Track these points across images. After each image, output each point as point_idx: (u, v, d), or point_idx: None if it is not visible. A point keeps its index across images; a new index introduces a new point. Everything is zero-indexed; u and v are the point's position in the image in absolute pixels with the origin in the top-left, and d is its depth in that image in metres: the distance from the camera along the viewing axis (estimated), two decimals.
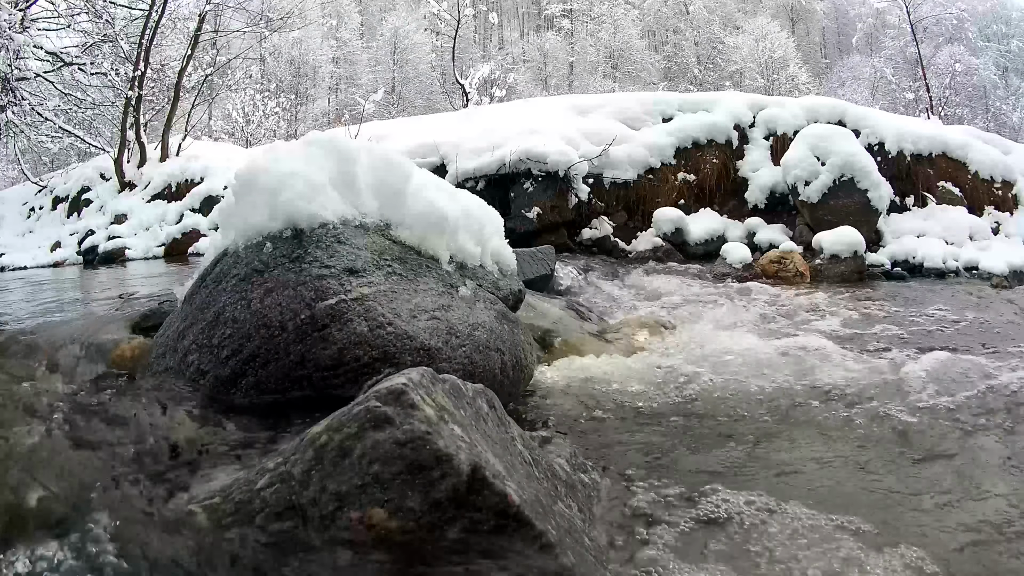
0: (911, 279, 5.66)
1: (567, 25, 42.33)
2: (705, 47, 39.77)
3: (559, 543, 1.09)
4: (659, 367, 2.51)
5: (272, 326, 1.65)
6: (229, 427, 1.53)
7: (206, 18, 10.95)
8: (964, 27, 33.91)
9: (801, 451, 1.75)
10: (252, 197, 1.83)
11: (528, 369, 2.14)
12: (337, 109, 30.75)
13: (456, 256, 2.10)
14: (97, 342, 1.93)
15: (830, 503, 1.46)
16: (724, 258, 5.86)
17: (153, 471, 1.33)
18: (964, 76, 31.61)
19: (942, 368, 2.54)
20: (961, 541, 1.30)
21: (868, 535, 1.31)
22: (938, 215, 6.68)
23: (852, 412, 2.05)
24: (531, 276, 3.70)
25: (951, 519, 1.39)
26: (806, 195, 6.13)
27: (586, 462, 1.61)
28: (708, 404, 2.11)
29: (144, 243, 8.09)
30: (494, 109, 9.50)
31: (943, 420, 1.99)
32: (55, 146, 11.52)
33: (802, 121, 7.09)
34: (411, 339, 1.70)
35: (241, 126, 20.98)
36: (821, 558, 1.23)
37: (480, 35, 43.15)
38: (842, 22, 45.53)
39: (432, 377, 1.26)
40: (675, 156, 6.94)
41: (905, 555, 1.23)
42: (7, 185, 14.94)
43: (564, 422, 1.97)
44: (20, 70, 9.35)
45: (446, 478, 1.06)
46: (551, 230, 6.23)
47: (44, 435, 1.39)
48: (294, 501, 1.11)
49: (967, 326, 3.51)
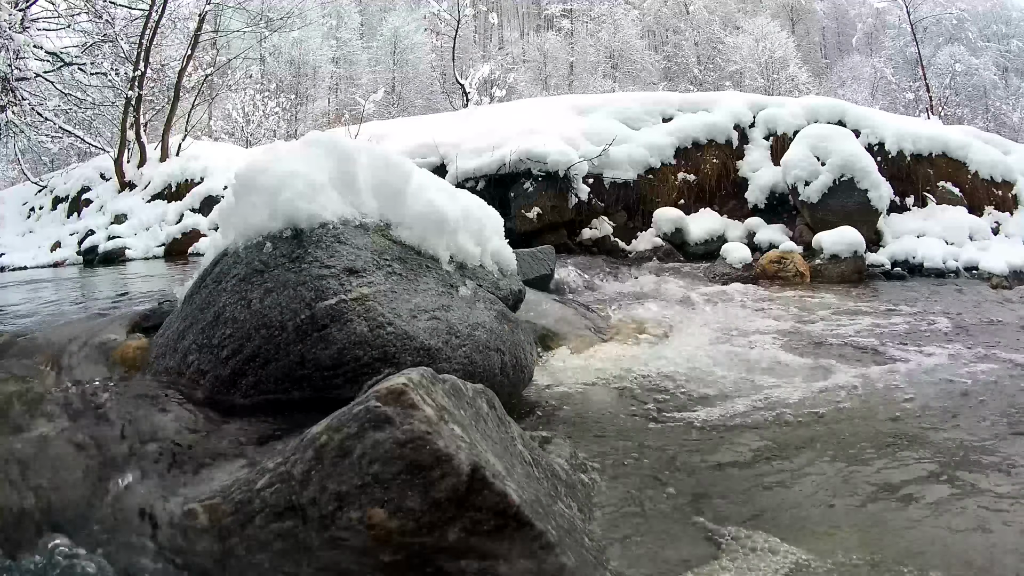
0: (911, 279, 5.66)
1: (567, 25, 42.32)
2: (705, 47, 39.75)
3: (559, 543, 1.09)
4: (659, 367, 2.51)
5: (272, 326, 1.65)
6: (229, 427, 1.53)
7: (206, 18, 10.94)
8: (964, 27, 33.89)
9: (801, 451, 1.75)
10: (252, 197, 1.83)
11: (528, 369, 2.14)
12: (337, 109, 30.72)
13: (456, 256, 2.10)
14: (97, 342, 1.93)
15: (830, 502, 1.46)
16: (724, 258, 5.86)
17: (153, 471, 1.33)
18: (964, 76, 31.61)
19: (941, 367, 2.55)
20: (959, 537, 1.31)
21: (860, 527, 1.31)
22: (938, 215, 6.68)
23: (852, 411, 2.05)
24: (531, 276, 3.69)
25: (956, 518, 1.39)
26: (806, 195, 6.13)
27: (586, 462, 1.62)
28: (708, 404, 2.11)
29: (144, 243, 8.08)
30: (494, 109, 9.50)
31: (941, 420, 1.99)
32: (55, 146, 11.50)
33: (802, 121, 7.09)
34: (411, 339, 1.70)
35: (241, 126, 20.96)
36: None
37: (480, 35, 43.13)
38: (842, 22, 45.50)
39: (432, 377, 1.26)
40: (675, 156, 6.94)
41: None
42: (7, 185, 14.94)
43: (564, 422, 1.97)
44: (20, 70, 9.34)
45: (446, 478, 1.06)
46: (551, 230, 6.23)
47: (44, 435, 1.39)
48: (294, 501, 1.11)
49: (967, 326, 3.51)
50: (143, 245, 8.05)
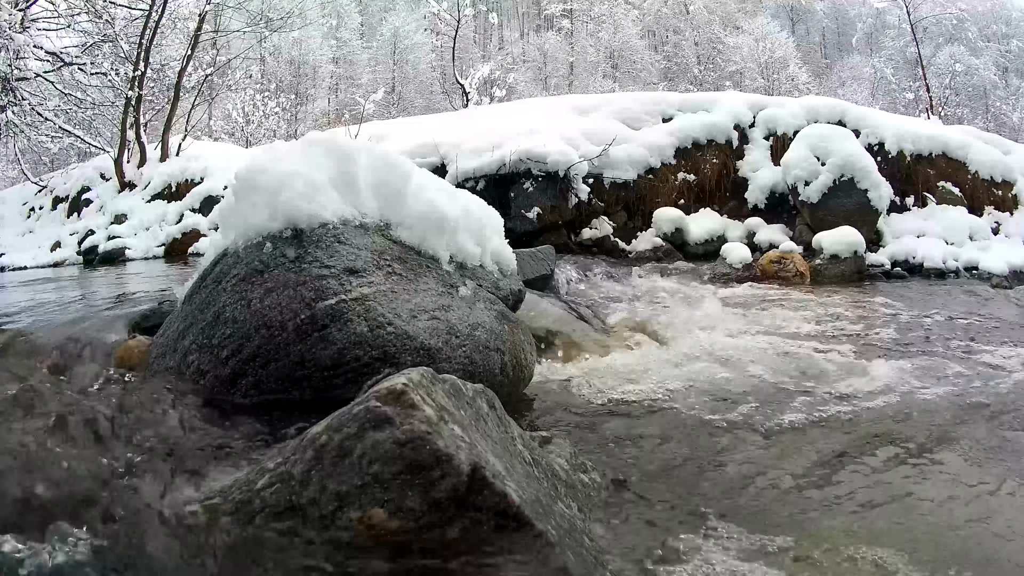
0: (911, 279, 5.65)
1: (567, 25, 42.27)
2: (705, 47, 39.73)
3: (559, 543, 1.09)
4: (659, 367, 2.51)
5: (272, 326, 1.65)
6: (229, 427, 1.53)
7: (206, 18, 10.93)
8: (964, 27, 33.89)
9: (801, 451, 1.75)
10: (252, 197, 1.83)
11: (528, 369, 2.14)
12: (337, 109, 30.72)
13: (456, 256, 2.10)
14: (97, 342, 1.93)
15: (826, 503, 1.46)
16: (724, 258, 5.85)
17: (153, 471, 1.33)
18: (964, 76, 31.60)
19: (939, 368, 2.55)
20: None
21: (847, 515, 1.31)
22: (938, 215, 6.68)
23: (851, 413, 2.05)
24: (531, 276, 3.69)
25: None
26: (806, 195, 6.12)
27: (586, 462, 1.61)
28: (708, 404, 2.11)
29: (144, 243, 8.08)
30: (494, 109, 9.49)
31: (939, 421, 1.99)
32: (55, 146, 11.49)
33: (802, 121, 7.09)
34: (411, 339, 1.70)
35: (241, 126, 20.94)
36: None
37: (480, 35, 43.12)
38: (842, 22, 45.50)
39: (432, 377, 1.26)
40: (675, 156, 6.93)
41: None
42: (7, 185, 14.92)
43: (564, 422, 1.97)
44: (20, 70, 9.33)
45: (446, 478, 1.06)
46: (551, 230, 6.23)
47: (44, 435, 1.39)
48: (294, 501, 1.11)
49: (967, 326, 3.51)
50: (143, 245, 8.05)
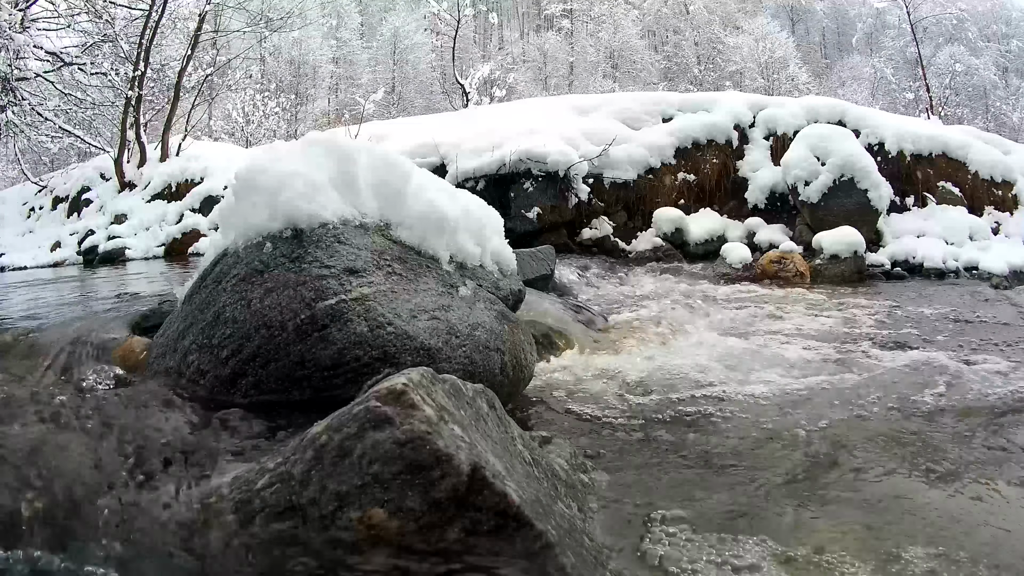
0: (911, 279, 5.66)
1: (567, 25, 42.27)
2: (705, 47, 39.73)
3: (559, 543, 1.08)
4: (658, 367, 2.51)
5: (272, 326, 1.65)
6: (229, 427, 1.53)
7: (206, 18, 10.93)
8: (964, 27, 33.90)
9: (802, 452, 1.75)
10: (252, 197, 1.83)
11: (528, 369, 2.14)
12: (337, 109, 30.73)
13: (456, 256, 2.10)
14: (97, 342, 1.93)
15: (827, 502, 1.46)
16: (724, 258, 5.86)
17: (152, 471, 1.33)
18: (964, 76, 31.61)
19: (937, 367, 2.55)
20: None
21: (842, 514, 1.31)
22: (938, 215, 6.68)
23: (851, 413, 2.05)
24: (531, 276, 3.69)
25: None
26: (806, 195, 6.13)
27: (586, 462, 1.61)
28: (707, 404, 2.11)
29: (144, 243, 8.08)
30: (494, 109, 9.50)
31: (937, 420, 1.99)
32: (55, 146, 11.49)
33: (802, 121, 7.09)
34: (411, 339, 1.70)
35: (241, 126, 20.94)
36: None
37: (480, 35, 43.13)
38: (842, 22, 45.51)
39: (432, 377, 1.26)
40: (675, 156, 6.94)
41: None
42: (7, 185, 14.92)
43: (564, 422, 1.97)
44: (20, 70, 9.33)
45: (446, 478, 1.06)
46: (551, 230, 6.23)
47: (43, 435, 1.39)
48: (294, 501, 1.11)
49: (966, 326, 3.51)
50: (143, 245, 8.05)
